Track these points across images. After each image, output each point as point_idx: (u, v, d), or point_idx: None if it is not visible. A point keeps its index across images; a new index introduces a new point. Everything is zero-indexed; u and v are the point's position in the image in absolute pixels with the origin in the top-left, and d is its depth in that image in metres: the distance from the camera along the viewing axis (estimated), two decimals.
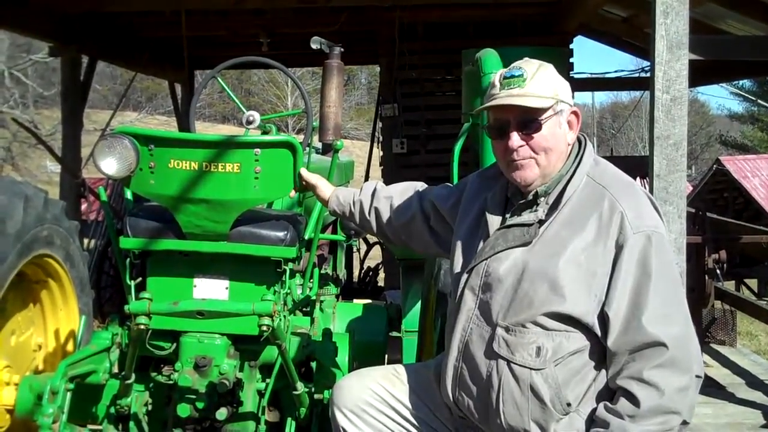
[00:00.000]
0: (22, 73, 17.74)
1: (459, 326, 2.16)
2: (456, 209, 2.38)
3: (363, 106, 39.60)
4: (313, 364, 2.96)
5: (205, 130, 25.16)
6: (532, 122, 2.08)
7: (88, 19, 7.79)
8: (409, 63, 7.97)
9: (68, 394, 2.63)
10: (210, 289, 2.85)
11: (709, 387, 5.21)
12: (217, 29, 8.70)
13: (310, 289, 3.16)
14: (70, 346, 3.17)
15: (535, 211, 2.12)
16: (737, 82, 24.58)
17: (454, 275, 2.24)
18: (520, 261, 2.06)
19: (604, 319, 2.00)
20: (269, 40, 8.12)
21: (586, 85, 10.32)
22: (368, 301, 4.09)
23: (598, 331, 2.01)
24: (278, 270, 2.83)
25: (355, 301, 3.98)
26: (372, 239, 8.41)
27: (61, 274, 3.12)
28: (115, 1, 7.22)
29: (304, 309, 3.23)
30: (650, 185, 3.92)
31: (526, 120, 2.08)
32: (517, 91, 2.07)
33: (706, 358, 5.99)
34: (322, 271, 3.94)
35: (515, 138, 2.08)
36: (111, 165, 2.63)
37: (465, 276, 2.18)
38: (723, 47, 4.90)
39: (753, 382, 5.78)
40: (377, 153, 9.12)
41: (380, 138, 8.73)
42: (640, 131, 37.74)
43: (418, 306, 3.61)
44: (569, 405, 2.02)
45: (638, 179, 6.58)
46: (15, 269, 2.72)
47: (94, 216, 11.50)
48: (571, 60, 7.75)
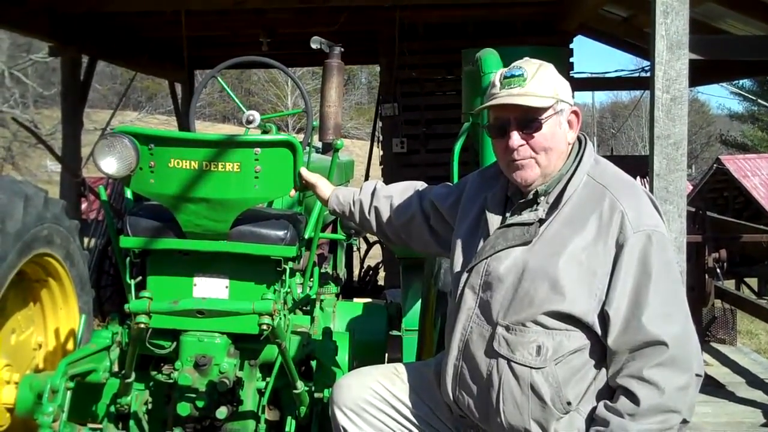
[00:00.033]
0: (22, 73, 17.74)
1: (459, 325, 2.16)
2: (456, 208, 2.38)
3: (363, 106, 39.58)
4: (313, 363, 2.97)
5: (206, 129, 25.15)
6: (533, 122, 2.07)
7: (88, 19, 7.79)
8: (409, 62, 7.98)
9: (68, 393, 2.63)
10: (210, 288, 2.85)
11: (709, 386, 5.21)
12: (217, 29, 8.70)
13: (310, 288, 3.17)
14: (70, 345, 3.17)
15: (536, 210, 2.12)
16: (737, 82, 24.60)
17: (454, 274, 2.24)
18: (521, 260, 2.06)
19: (604, 318, 2.00)
20: (269, 39, 8.10)
21: (586, 84, 10.33)
22: (368, 300, 4.09)
23: (598, 330, 2.01)
24: (278, 269, 2.83)
25: (355, 300, 3.98)
26: (372, 238, 8.41)
27: (61, 273, 3.12)
28: (115, 1, 7.21)
29: (304, 308, 3.23)
30: (650, 184, 3.92)
31: (526, 119, 2.08)
32: (518, 90, 2.07)
33: (706, 356, 5.99)
34: (322, 270, 3.95)
35: (515, 137, 2.08)
36: (111, 164, 2.63)
37: (465, 275, 2.18)
38: (723, 47, 4.90)
39: (753, 381, 5.78)
40: (377, 152, 9.13)
41: (380, 137, 8.74)
42: (641, 131, 37.74)
43: (418, 305, 3.61)
44: (569, 404, 2.02)
45: (638, 179, 6.58)
46: (15, 268, 2.72)
47: (94, 215, 11.50)
48: (571, 60, 7.75)
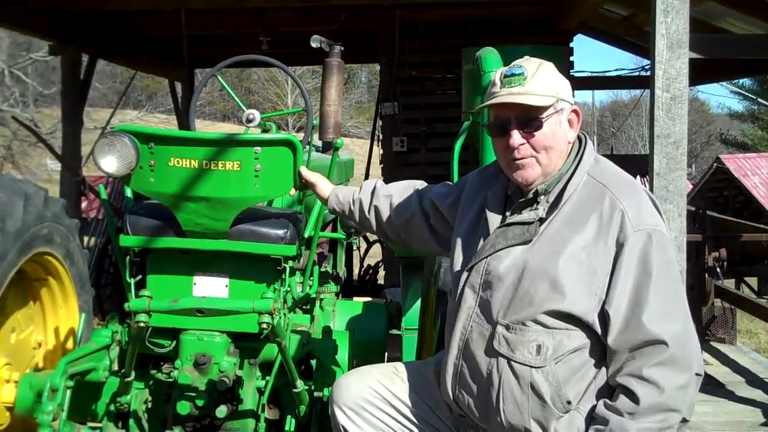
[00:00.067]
0: (22, 72, 17.74)
1: (459, 324, 2.16)
2: (456, 207, 2.38)
3: (363, 105, 39.57)
4: (313, 361, 2.97)
5: (205, 128, 25.14)
6: (533, 120, 2.07)
7: (88, 18, 7.78)
8: (409, 61, 7.97)
9: (68, 392, 2.63)
10: (210, 287, 2.85)
11: (708, 385, 5.21)
12: (217, 28, 8.70)
13: (310, 287, 3.16)
14: (69, 344, 3.17)
15: (536, 209, 2.12)
16: (737, 81, 24.59)
17: (454, 273, 2.24)
18: (521, 259, 2.06)
19: (604, 317, 2.00)
20: (269, 38, 8.10)
21: (587, 83, 10.32)
22: (368, 298, 4.10)
23: (598, 329, 2.01)
24: (278, 268, 2.83)
25: (355, 298, 3.99)
26: (372, 237, 8.41)
27: (61, 271, 3.12)
28: (115, 0, 7.21)
29: (304, 307, 3.23)
30: (650, 184, 3.93)
31: (527, 118, 2.08)
32: (518, 89, 2.06)
33: (705, 356, 5.99)
34: (322, 269, 3.95)
35: (516, 136, 2.08)
36: (111, 163, 2.64)
37: (465, 274, 2.17)
38: (723, 46, 4.90)
39: (753, 380, 5.78)
40: (377, 151, 9.12)
41: (380, 136, 8.73)
42: (641, 130, 37.74)
43: (418, 304, 3.61)
44: (569, 403, 2.02)
45: (638, 178, 6.58)
46: (15, 267, 2.72)
47: (94, 214, 11.50)
48: (571, 59, 7.75)
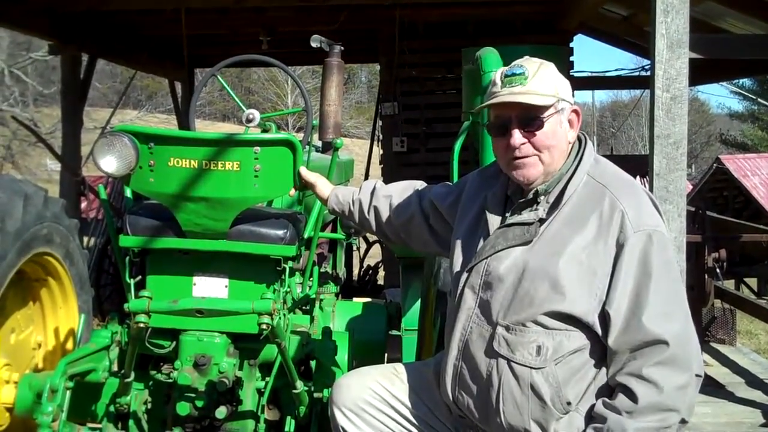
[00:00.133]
0: (21, 71, 17.72)
1: (459, 325, 2.16)
2: (455, 208, 2.37)
3: (363, 105, 39.57)
4: (313, 362, 2.97)
5: (205, 128, 25.14)
6: (534, 120, 2.07)
7: (87, 17, 7.78)
8: (409, 61, 7.97)
9: (68, 393, 2.63)
10: (209, 288, 2.84)
11: (708, 386, 5.21)
12: (217, 27, 8.69)
13: (310, 287, 3.16)
14: (69, 345, 3.17)
15: (536, 210, 2.11)
16: (737, 81, 24.58)
17: (454, 274, 2.24)
18: (521, 260, 2.06)
19: (604, 317, 1.99)
20: (269, 38, 8.09)
21: (586, 83, 10.33)
22: (368, 299, 4.09)
23: (598, 329, 2.00)
24: (278, 268, 2.82)
25: (355, 299, 3.98)
26: (372, 237, 8.41)
27: (60, 272, 3.12)
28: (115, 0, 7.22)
29: (304, 307, 3.23)
30: (650, 184, 3.92)
31: (528, 118, 2.07)
32: (519, 89, 2.06)
33: (705, 357, 5.98)
34: (322, 269, 3.94)
35: (517, 135, 2.08)
36: (111, 163, 2.63)
37: (465, 275, 2.17)
38: (723, 46, 4.89)
39: (752, 381, 5.78)
40: (377, 151, 9.12)
41: (380, 136, 8.73)
42: (641, 130, 37.74)
43: (417, 304, 3.60)
44: (569, 404, 2.02)
45: (638, 178, 6.58)
46: (15, 267, 2.72)
47: (93, 214, 11.50)
48: (571, 59, 7.75)
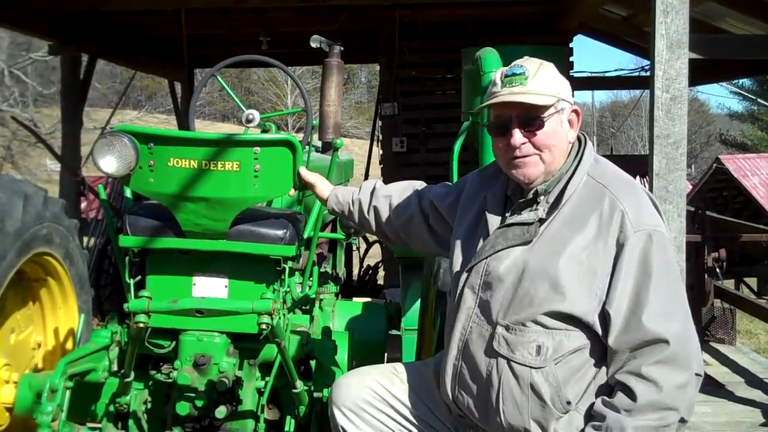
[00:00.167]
0: (21, 72, 17.72)
1: (459, 325, 2.16)
2: (455, 208, 2.38)
3: (363, 105, 39.56)
4: (313, 362, 2.97)
5: (205, 128, 25.14)
6: (535, 120, 2.07)
7: (87, 18, 7.78)
8: (409, 61, 7.97)
9: (67, 393, 2.63)
10: (209, 288, 2.84)
11: (708, 385, 5.22)
12: (217, 28, 8.69)
13: (310, 287, 3.16)
14: (69, 345, 3.17)
15: (536, 210, 2.12)
16: (737, 81, 24.56)
17: (454, 274, 2.24)
18: (521, 260, 2.06)
19: (605, 317, 1.99)
20: (269, 38, 8.09)
21: (586, 84, 10.32)
22: (368, 299, 4.09)
23: (598, 329, 2.01)
24: (277, 268, 2.83)
25: (355, 299, 3.98)
26: (372, 237, 8.41)
27: (60, 272, 3.12)
28: (114, 0, 7.21)
29: (304, 307, 3.23)
30: (650, 184, 3.92)
31: (528, 117, 2.07)
32: (519, 88, 2.06)
33: (705, 356, 5.98)
34: (322, 269, 3.94)
35: (517, 135, 2.08)
36: (110, 163, 2.63)
37: (465, 275, 2.17)
38: (723, 46, 4.89)
39: (752, 380, 5.78)
40: (377, 151, 9.12)
41: (380, 136, 8.73)
42: (640, 130, 37.75)
43: (417, 304, 3.60)
44: (569, 403, 2.02)
45: (638, 178, 6.58)
46: (14, 267, 2.72)
47: (93, 214, 11.50)
48: (571, 59, 7.74)
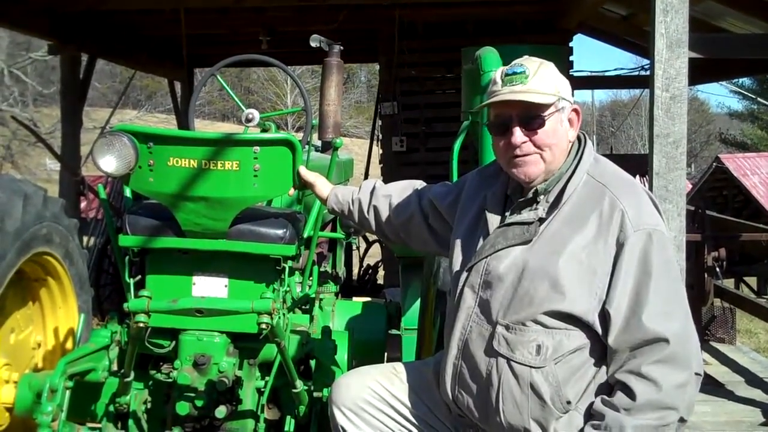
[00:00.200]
0: (21, 71, 17.73)
1: (458, 324, 2.16)
2: (455, 207, 2.38)
3: (362, 104, 39.56)
4: (313, 362, 2.97)
5: (205, 127, 25.14)
6: (535, 118, 2.07)
7: (87, 17, 7.78)
8: (408, 61, 7.97)
9: (67, 392, 2.63)
10: (209, 287, 2.84)
11: (708, 385, 5.21)
12: (216, 27, 8.69)
13: (310, 287, 3.16)
14: (69, 344, 3.17)
15: (535, 209, 2.12)
16: (737, 80, 24.54)
17: (454, 273, 2.24)
18: (520, 259, 2.06)
19: (604, 316, 1.99)
20: (269, 38, 8.08)
21: (586, 83, 10.31)
22: (367, 298, 4.10)
23: (598, 329, 2.00)
24: (277, 268, 2.83)
25: (355, 299, 3.98)
26: (371, 237, 8.41)
27: (60, 272, 3.12)
28: None
29: (304, 307, 3.23)
30: (650, 183, 3.92)
31: (529, 116, 2.07)
32: (520, 87, 2.06)
33: (705, 355, 5.98)
34: (322, 268, 3.94)
35: (518, 134, 2.08)
36: (110, 163, 2.63)
37: (465, 274, 2.17)
38: (723, 45, 4.89)
39: (752, 379, 5.77)
40: (377, 151, 9.12)
41: (380, 136, 8.73)
42: (640, 129, 37.74)
43: (417, 304, 3.60)
44: (569, 403, 2.02)
45: (638, 177, 6.58)
46: (14, 267, 2.72)
47: (93, 214, 11.48)
48: (571, 58, 7.74)
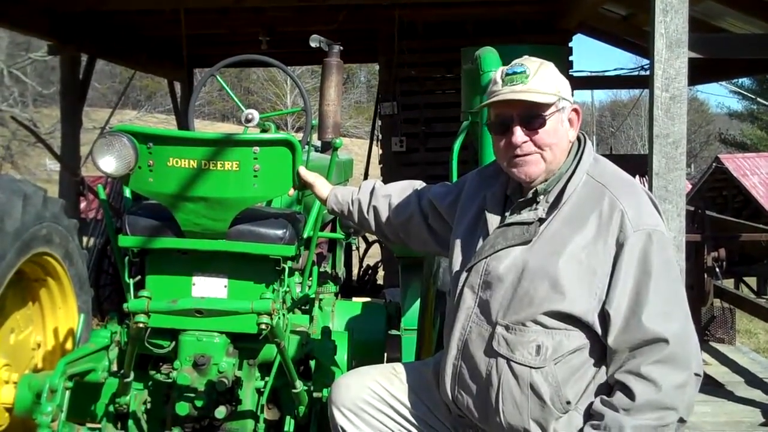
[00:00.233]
0: (21, 72, 17.73)
1: (458, 325, 2.16)
2: (454, 207, 2.37)
3: (362, 104, 39.55)
4: (312, 362, 2.97)
5: (204, 128, 25.14)
6: (536, 118, 2.07)
7: (87, 18, 7.77)
8: (408, 61, 7.96)
9: (67, 393, 2.63)
10: (209, 288, 2.84)
11: (707, 385, 5.21)
12: (216, 27, 8.69)
13: (309, 287, 3.16)
14: (69, 345, 3.17)
15: (535, 209, 2.12)
16: (736, 81, 24.57)
17: (454, 274, 2.24)
18: (520, 259, 2.06)
19: (604, 317, 1.99)
20: (269, 38, 8.09)
21: (586, 83, 10.32)
22: (367, 299, 4.09)
23: (598, 329, 2.00)
24: (277, 268, 2.83)
25: (354, 299, 3.98)
26: (371, 237, 8.40)
27: (60, 272, 3.12)
28: None
29: (303, 307, 3.23)
30: (650, 183, 3.92)
31: (530, 115, 2.07)
32: (521, 87, 2.06)
33: (705, 356, 5.98)
34: (321, 269, 3.94)
35: (519, 133, 2.08)
36: (110, 163, 2.63)
37: (464, 274, 2.17)
38: (722, 45, 4.89)
39: (752, 380, 5.77)
40: (376, 151, 9.12)
41: (379, 136, 8.72)
42: (640, 129, 37.75)
43: (417, 304, 3.60)
44: (569, 403, 2.02)
45: (638, 177, 6.58)
46: (14, 267, 2.72)
47: (93, 214, 11.50)
48: (571, 58, 7.74)
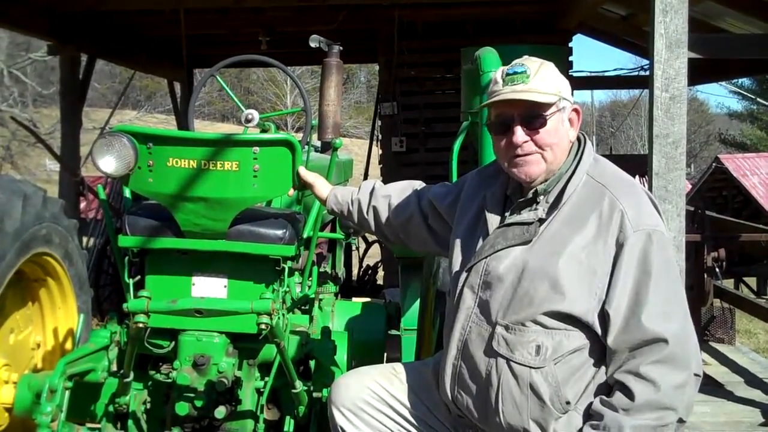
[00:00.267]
0: (21, 72, 17.73)
1: (458, 325, 2.16)
2: (454, 207, 2.38)
3: (362, 105, 39.55)
4: (312, 362, 2.97)
5: (204, 128, 25.14)
6: (537, 118, 2.07)
7: (87, 18, 7.77)
8: (408, 61, 7.96)
9: (67, 393, 2.63)
10: (208, 288, 2.84)
11: (707, 385, 5.21)
12: (216, 27, 8.68)
13: (309, 287, 3.16)
14: (68, 345, 3.17)
15: (535, 209, 2.12)
16: (736, 81, 24.59)
17: (453, 274, 2.24)
18: (520, 260, 2.06)
19: (604, 317, 1.99)
20: (268, 38, 8.08)
21: (586, 83, 10.32)
22: (367, 299, 4.09)
23: (598, 329, 2.01)
24: (277, 268, 2.83)
25: (354, 299, 3.98)
26: (371, 237, 8.40)
27: (59, 272, 3.12)
28: None
29: (303, 307, 3.23)
30: (649, 184, 3.92)
31: (531, 115, 2.07)
32: (521, 87, 2.06)
33: (704, 356, 5.98)
34: (321, 269, 3.94)
35: (519, 133, 2.08)
36: (109, 163, 2.63)
37: (464, 274, 2.17)
38: (722, 45, 4.89)
39: (751, 380, 5.77)
40: (376, 151, 9.12)
41: (379, 136, 8.72)
42: (640, 130, 37.76)
43: (417, 304, 3.60)
44: (568, 403, 2.02)
45: (637, 178, 6.58)
46: (14, 268, 2.72)
47: (93, 214, 11.50)
48: (570, 58, 7.73)
